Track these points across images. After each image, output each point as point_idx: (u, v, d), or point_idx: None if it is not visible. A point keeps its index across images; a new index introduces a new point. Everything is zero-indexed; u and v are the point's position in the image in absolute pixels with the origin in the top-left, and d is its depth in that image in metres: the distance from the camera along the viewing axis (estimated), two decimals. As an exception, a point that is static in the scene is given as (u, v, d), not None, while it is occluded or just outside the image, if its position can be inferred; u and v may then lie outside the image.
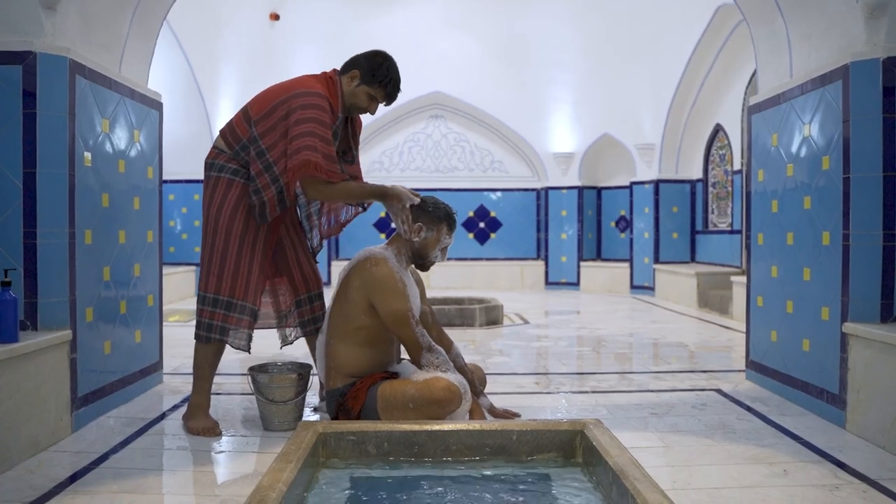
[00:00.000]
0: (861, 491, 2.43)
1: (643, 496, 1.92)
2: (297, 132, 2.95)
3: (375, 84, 3.14)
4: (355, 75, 3.14)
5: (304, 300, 3.34)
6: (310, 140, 2.93)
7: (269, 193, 3.03)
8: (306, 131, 2.94)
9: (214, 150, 3.18)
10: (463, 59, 10.05)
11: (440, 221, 3.10)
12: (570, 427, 2.60)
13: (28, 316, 2.97)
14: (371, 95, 3.16)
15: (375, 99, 3.18)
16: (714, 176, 8.82)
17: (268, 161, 3.02)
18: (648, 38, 8.83)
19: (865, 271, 3.12)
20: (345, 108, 3.17)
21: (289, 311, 3.38)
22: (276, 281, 3.38)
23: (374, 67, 3.13)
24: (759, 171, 4.08)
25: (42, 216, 2.97)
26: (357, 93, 3.15)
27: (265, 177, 3.03)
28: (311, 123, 2.95)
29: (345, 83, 3.15)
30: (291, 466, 2.16)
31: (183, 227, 9.43)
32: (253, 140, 3.05)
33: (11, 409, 2.65)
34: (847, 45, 3.25)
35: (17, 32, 2.97)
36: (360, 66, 3.14)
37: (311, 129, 2.95)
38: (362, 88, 3.14)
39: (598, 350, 5.33)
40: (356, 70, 3.14)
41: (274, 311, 3.43)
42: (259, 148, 3.03)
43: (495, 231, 10.82)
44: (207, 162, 3.19)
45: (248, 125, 3.08)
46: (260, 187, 3.03)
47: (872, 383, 3.01)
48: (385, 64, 3.15)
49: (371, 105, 3.19)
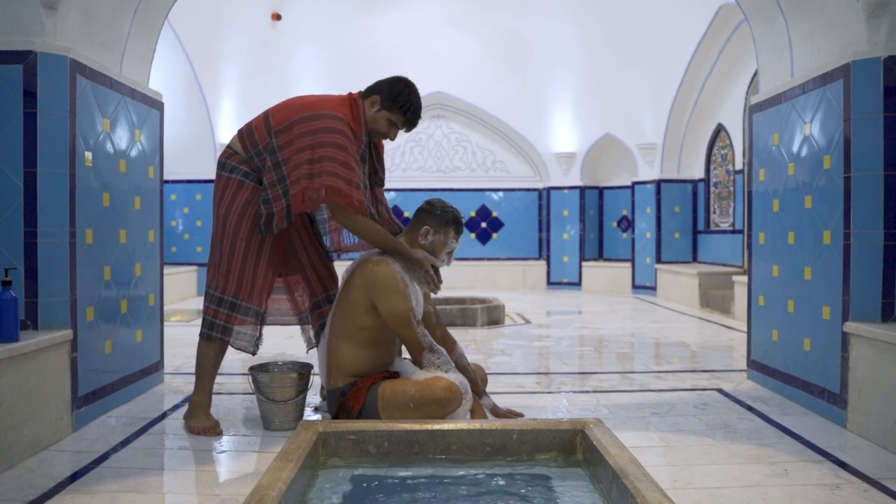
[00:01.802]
0: (862, 490, 2.43)
1: (643, 495, 1.91)
2: (321, 155, 2.93)
3: (396, 110, 3.11)
4: (376, 101, 3.11)
5: (323, 300, 3.34)
6: (334, 166, 2.91)
7: (280, 205, 3.02)
8: (331, 156, 2.92)
9: (228, 150, 3.18)
10: (464, 59, 10.04)
11: (448, 225, 3.10)
12: (571, 426, 2.60)
13: (29, 315, 2.97)
14: (391, 121, 3.14)
15: (395, 125, 3.16)
16: (716, 176, 8.81)
17: (282, 174, 3.01)
18: (650, 37, 8.82)
19: (866, 270, 3.12)
20: (367, 131, 3.15)
21: (308, 312, 3.37)
22: (290, 280, 3.37)
23: (395, 93, 3.11)
24: (761, 170, 4.07)
25: (43, 216, 2.97)
26: (377, 118, 3.13)
27: (277, 188, 3.01)
28: (334, 148, 2.93)
29: (366, 108, 3.13)
30: (291, 466, 2.16)
31: (184, 227, 9.43)
32: (271, 150, 3.03)
33: (12, 409, 2.65)
34: (848, 44, 3.24)
35: (17, 32, 2.97)
36: (381, 92, 3.12)
37: (331, 153, 2.93)
38: (383, 114, 3.12)
39: (600, 350, 5.32)
40: (377, 95, 3.12)
41: (293, 310, 3.42)
42: (276, 159, 3.02)
43: (497, 231, 10.81)
44: (220, 160, 3.19)
45: (268, 133, 3.06)
46: (271, 198, 3.03)
47: (873, 383, 3.00)
48: (406, 90, 3.12)
49: (391, 131, 3.17)
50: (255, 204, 3.09)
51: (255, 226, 3.10)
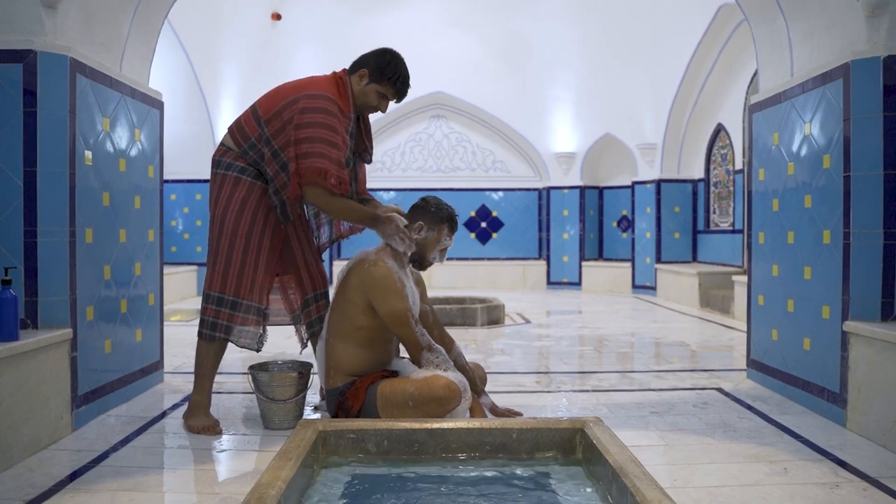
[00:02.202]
0: (861, 489, 2.43)
1: (643, 494, 1.91)
2: (303, 135, 2.94)
3: (385, 81, 3.13)
4: (364, 74, 3.13)
5: (311, 299, 3.34)
6: (318, 146, 2.92)
7: (289, 192, 3.03)
8: (314, 136, 2.93)
9: (222, 148, 3.18)
10: (464, 59, 10.05)
11: (442, 222, 3.10)
12: (570, 425, 2.60)
13: (28, 314, 2.97)
14: (381, 93, 3.16)
15: (386, 97, 3.18)
16: (715, 175, 8.81)
17: (283, 161, 3.02)
18: (649, 37, 8.82)
19: (866, 270, 3.12)
20: (356, 107, 3.15)
21: (300, 310, 3.38)
22: (284, 279, 3.37)
23: (383, 65, 3.12)
24: (760, 170, 4.07)
25: (43, 215, 2.97)
26: (367, 91, 3.14)
27: (282, 176, 3.03)
28: (318, 128, 2.94)
29: (354, 83, 3.14)
30: (291, 464, 2.16)
31: (184, 227, 9.43)
32: (266, 141, 3.04)
33: (12, 408, 2.65)
34: (848, 43, 3.24)
35: (17, 31, 2.97)
36: (368, 65, 3.13)
37: (318, 133, 2.93)
38: (372, 87, 3.14)
39: (600, 349, 5.32)
40: (365, 69, 3.13)
41: (287, 310, 3.42)
42: (273, 148, 3.03)
43: (497, 231, 10.81)
44: (214, 159, 3.19)
45: (258, 124, 3.07)
46: (279, 187, 3.04)
47: (873, 382, 3.00)
48: (393, 61, 3.14)
49: (382, 103, 3.19)
50: (253, 199, 3.10)
51: (253, 222, 3.10)
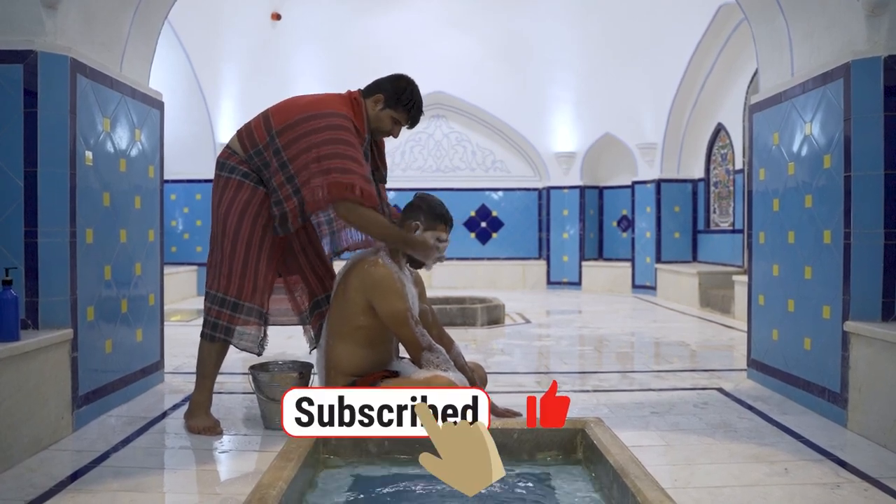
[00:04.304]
0: (862, 489, 2.43)
1: (643, 494, 1.91)
2: (327, 152, 2.94)
3: (400, 108, 3.16)
4: (379, 99, 3.15)
5: (322, 300, 3.33)
6: (343, 162, 2.93)
7: (291, 204, 3.02)
8: (339, 153, 2.94)
9: (227, 151, 3.17)
10: (464, 59, 10.04)
11: (437, 221, 3.10)
12: (571, 426, 2.60)
13: (29, 315, 2.98)
14: (395, 119, 3.18)
15: (399, 123, 3.20)
16: (716, 175, 8.82)
17: (290, 173, 3.01)
18: (649, 37, 8.82)
19: (866, 270, 3.12)
20: (369, 130, 3.18)
21: (308, 312, 3.37)
22: (290, 280, 3.37)
23: (399, 91, 3.14)
24: (761, 170, 4.07)
25: (43, 215, 2.97)
26: (381, 116, 3.16)
27: (287, 188, 3.02)
28: (341, 145, 2.95)
29: (369, 107, 3.16)
30: (292, 465, 2.16)
31: (185, 227, 9.43)
32: (275, 151, 3.03)
33: (12, 408, 2.65)
34: (848, 43, 3.24)
35: (18, 31, 2.97)
36: (384, 90, 3.15)
37: (341, 150, 2.94)
38: (387, 112, 3.16)
39: (600, 349, 5.32)
40: (381, 94, 3.15)
41: (294, 310, 3.42)
42: (282, 160, 3.02)
43: (497, 231, 10.82)
44: (219, 161, 3.18)
45: (268, 132, 3.06)
46: (282, 198, 3.03)
47: (874, 382, 3.00)
48: (409, 88, 3.17)
49: (395, 128, 3.21)
50: (254, 204, 3.09)
51: (254, 226, 3.10)
